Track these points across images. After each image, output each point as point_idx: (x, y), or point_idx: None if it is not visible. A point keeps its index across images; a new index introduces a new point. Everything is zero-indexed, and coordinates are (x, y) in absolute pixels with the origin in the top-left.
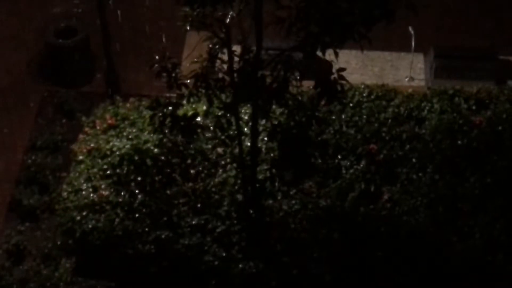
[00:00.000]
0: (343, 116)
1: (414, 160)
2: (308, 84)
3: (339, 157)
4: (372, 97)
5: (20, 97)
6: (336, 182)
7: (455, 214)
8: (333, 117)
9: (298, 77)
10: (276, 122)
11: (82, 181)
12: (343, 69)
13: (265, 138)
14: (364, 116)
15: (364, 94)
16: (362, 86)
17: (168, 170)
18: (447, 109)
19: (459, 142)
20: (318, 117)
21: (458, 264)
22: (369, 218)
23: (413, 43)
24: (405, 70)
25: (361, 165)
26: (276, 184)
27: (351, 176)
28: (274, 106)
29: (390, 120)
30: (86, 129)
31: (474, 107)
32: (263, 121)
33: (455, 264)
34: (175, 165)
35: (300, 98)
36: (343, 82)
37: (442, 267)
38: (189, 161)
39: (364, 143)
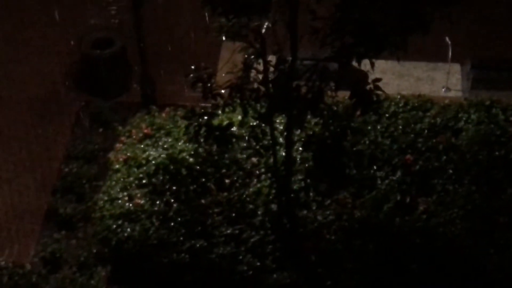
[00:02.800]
0: (378, 127)
1: (450, 171)
2: (343, 95)
3: (375, 167)
4: (408, 107)
5: (57, 107)
6: (371, 193)
7: (492, 226)
8: (369, 128)
9: (333, 87)
10: (311, 132)
11: (118, 190)
12: (378, 79)
13: (300, 148)
14: (400, 127)
15: (400, 105)
16: (398, 97)
17: (203, 180)
18: (484, 120)
19: (496, 153)
20: (353, 127)
21: (495, 276)
22: (405, 229)
23: (449, 54)
24: (441, 81)
25: (397, 176)
26: (311, 194)
27: (386, 187)
28: (309, 116)
29: (426, 131)
30: (122, 138)
31: (511, 118)
32: (298, 131)
33: (491, 276)
34: (209, 175)
35: (335, 108)
36: (379, 92)
37: (479, 279)
38: (223, 170)
39: (400, 153)
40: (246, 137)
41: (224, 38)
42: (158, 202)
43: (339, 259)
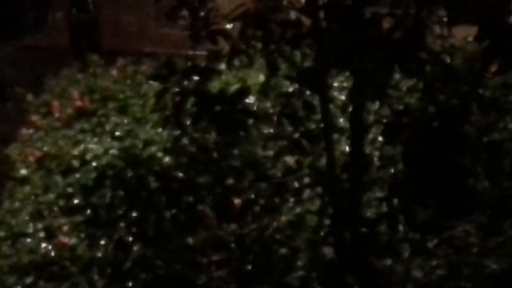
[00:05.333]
0: None
1: None
2: (462, 33)
3: None
4: None
5: None
6: None
7: None
8: None
9: (444, 20)
10: (400, 108)
11: (27, 218)
12: None
13: (379, 139)
14: None
15: None
16: None
17: (190, 199)
18: None
19: None
20: (483, 97)
21: None
22: None
23: None
24: None
25: None
26: (400, 227)
27: None
28: (396, 76)
29: None
30: (35, 118)
31: None
32: (375, 105)
33: None
34: (203, 189)
35: (447, 60)
36: None
37: None
38: (230, 181)
39: None
40: (275, 117)
41: None
42: (103, 242)
43: None
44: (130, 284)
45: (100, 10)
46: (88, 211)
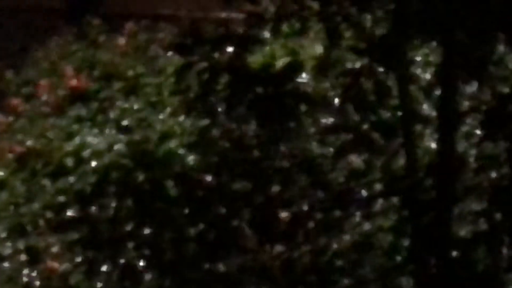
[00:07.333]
0: None
1: None
2: None
3: None
4: None
5: None
6: None
7: None
8: None
9: None
10: (505, 91)
11: (4, 235)
12: None
13: (476, 132)
14: None
15: None
16: None
17: (223, 211)
18: None
19: None
20: None
21: None
22: None
23: None
24: None
25: None
26: (504, 250)
27: None
28: (500, 48)
29: None
30: (15, 101)
31: None
32: (472, 88)
33: None
34: (239, 198)
35: None
36: None
37: None
38: (274, 188)
39: None
40: (335, 101)
41: None
42: (105, 268)
43: None
44: None
45: None
46: (85, 228)
